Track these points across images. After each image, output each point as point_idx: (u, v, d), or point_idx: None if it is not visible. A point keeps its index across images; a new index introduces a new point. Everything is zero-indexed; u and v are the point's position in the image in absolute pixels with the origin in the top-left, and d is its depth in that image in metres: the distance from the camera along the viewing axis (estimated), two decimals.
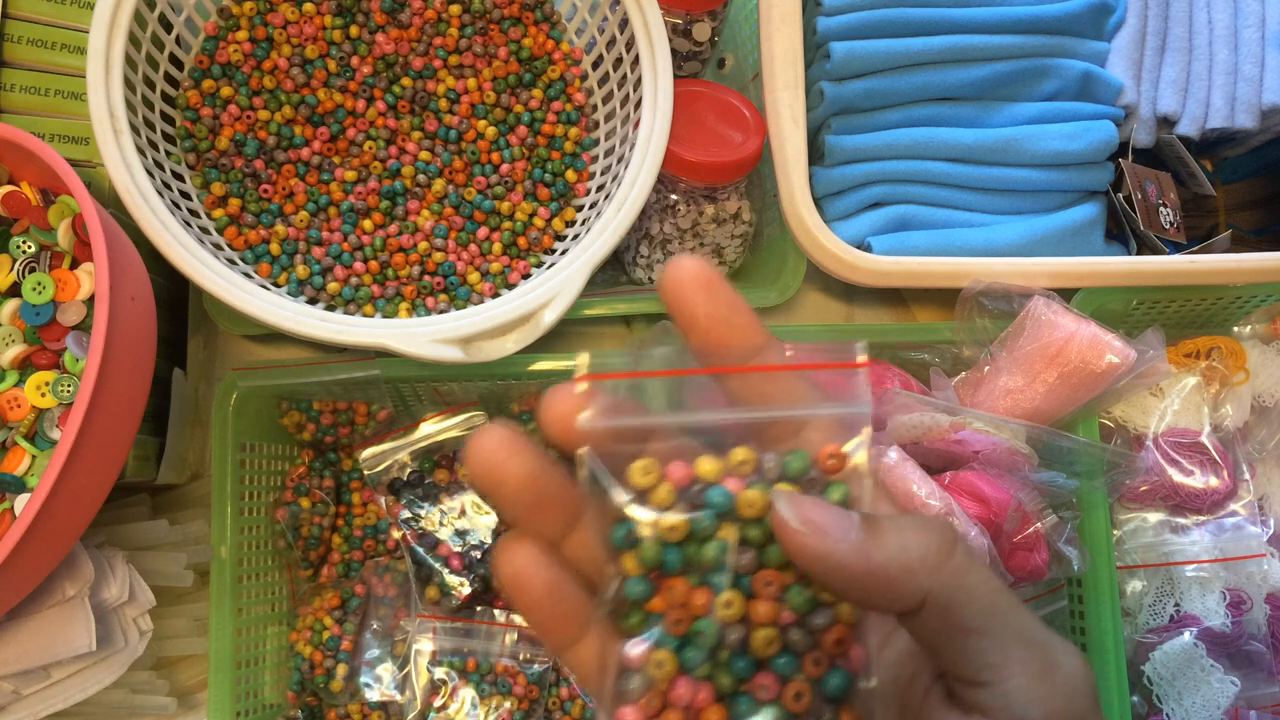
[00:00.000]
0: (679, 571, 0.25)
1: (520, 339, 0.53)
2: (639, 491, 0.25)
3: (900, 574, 0.23)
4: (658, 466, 0.25)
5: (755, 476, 0.26)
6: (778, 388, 0.26)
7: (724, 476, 0.25)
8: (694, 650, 0.25)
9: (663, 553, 0.25)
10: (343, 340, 0.51)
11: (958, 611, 0.24)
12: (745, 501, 0.25)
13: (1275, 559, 0.63)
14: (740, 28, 0.71)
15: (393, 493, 0.60)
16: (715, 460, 0.25)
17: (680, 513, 0.25)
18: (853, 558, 0.23)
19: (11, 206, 0.51)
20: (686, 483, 0.25)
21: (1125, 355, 0.58)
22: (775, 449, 0.26)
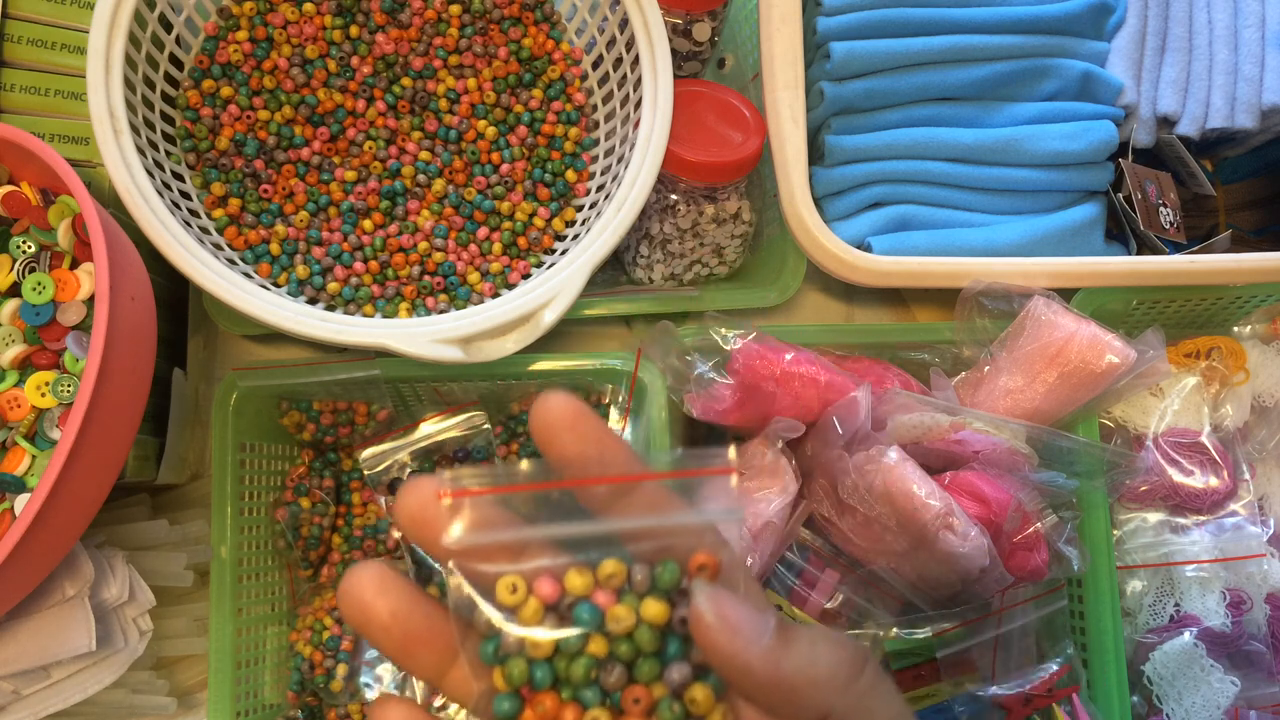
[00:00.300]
0: (548, 687, 0.25)
1: (520, 339, 0.53)
2: (506, 608, 0.25)
3: (806, 687, 0.24)
4: (524, 583, 0.25)
5: (625, 589, 0.25)
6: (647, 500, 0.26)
7: (594, 590, 0.25)
8: None
9: (530, 669, 0.25)
10: (343, 340, 0.51)
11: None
12: (614, 617, 0.25)
13: (1275, 559, 0.63)
14: (740, 28, 0.71)
15: (393, 493, 0.60)
16: (585, 573, 0.25)
17: (549, 628, 0.25)
18: (762, 663, 0.23)
19: (11, 206, 0.51)
20: (555, 599, 0.25)
21: (1125, 355, 0.58)
22: (646, 560, 0.26)
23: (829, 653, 0.24)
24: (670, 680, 0.25)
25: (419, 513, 0.25)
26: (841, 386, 0.57)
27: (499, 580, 0.25)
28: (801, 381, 0.56)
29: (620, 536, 0.26)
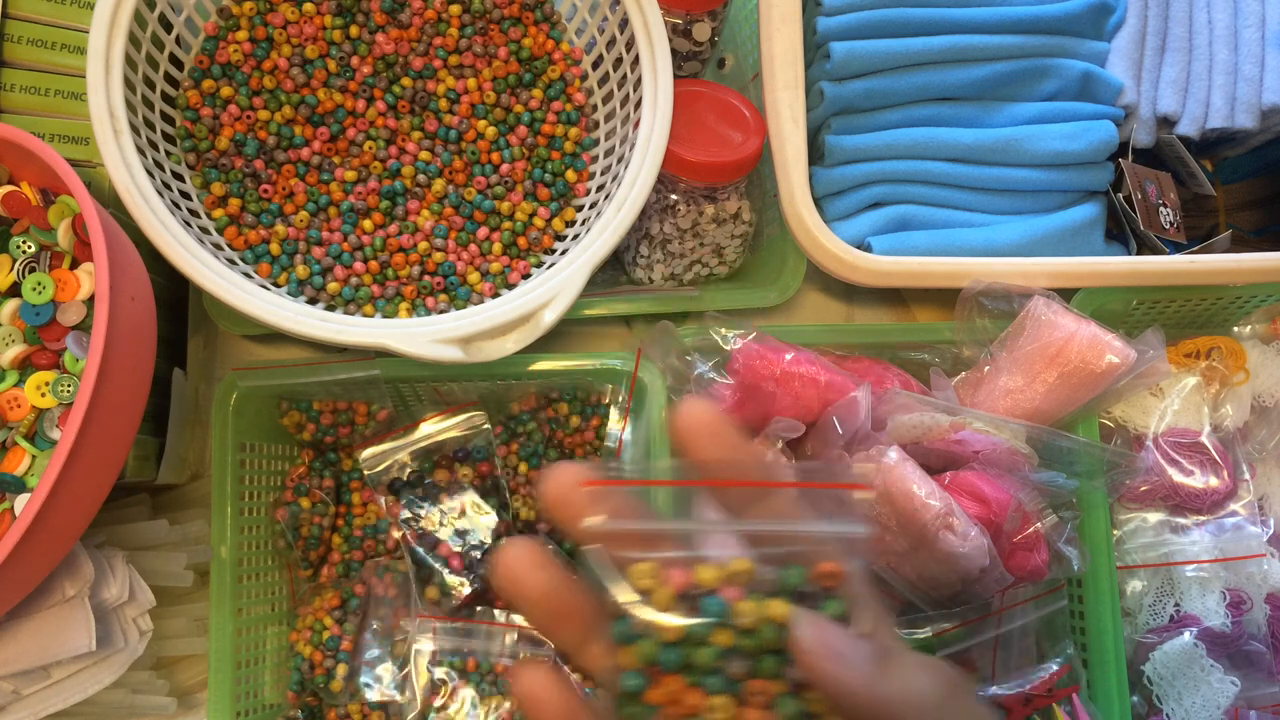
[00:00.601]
0: (675, 669, 0.26)
1: (520, 339, 0.53)
2: (640, 592, 0.27)
3: (904, 709, 0.25)
4: (659, 571, 0.27)
5: (752, 587, 0.27)
6: (779, 507, 0.28)
7: (722, 585, 0.26)
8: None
9: (659, 651, 0.26)
10: (343, 340, 0.51)
11: None
12: (739, 611, 0.26)
13: (1275, 559, 0.63)
14: (740, 28, 0.71)
15: (393, 493, 0.60)
16: (715, 568, 0.27)
17: (678, 615, 0.26)
18: (862, 687, 0.24)
19: (11, 206, 0.51)
20: (685, 587, 0.27)
21: (1125, 355, 0.58)
22: (773, 562, 0.27)
23: (926, 677, 0.25)
24: (792, 677, 0.26)
25: (561, 496, 0.27)
26: (841, 386, 0.57)
27: (634, 566, 0.27)
28: (801, 381, 0.56)
29: (751, 538, 0.27)
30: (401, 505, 0.59)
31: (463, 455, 0.61)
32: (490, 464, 0.61)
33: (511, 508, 0.61)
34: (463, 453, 0.61)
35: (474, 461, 0.61)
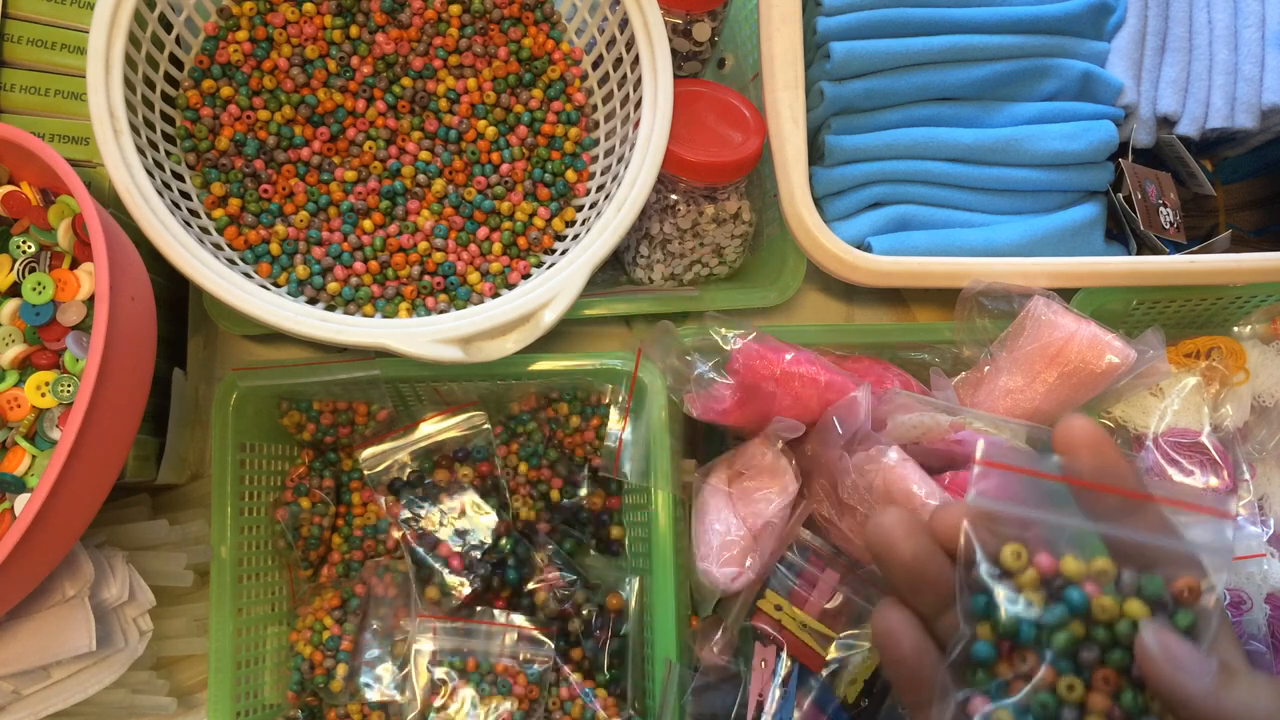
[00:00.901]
0: (1028, 646, 0.29)
1: (520, 339, 0.53)
2: (1005, 571, 0.29)
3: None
4: (1026, 554, 0.29)
5: (1111, 586, 0.29)
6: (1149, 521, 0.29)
7: (1084, 579, 0.29)
8: (1025, 714, 0.28)
9: (1018, 627, 0.29)
10: (343, 340, 0.51)
11: None
12: (1100, 606, 0.28)
13: (1275, 559, 0.63)
14: (740, 28, 0.71)
15: (393, 493, 0.60)
16: (1079, 562, 0.29)
17: (1039, 598, 0.29)
18: (1203, 698, 0.26)
19: (11, 206, 0.51)
20: (1052, 573, 0.29)
21: (1125, 355, 0.58)
22: (1131, 567, 0.29)
23: (1268, 696, 0.26)
24: (1136, 674, 0.28)
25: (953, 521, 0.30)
26: (841, 386, 0.57)
27: (1005, 546, 0.29)
28: (801, 381, 0.56)
29: (1115, 543, 0.29)
30: (401, 505, 0.59)
31: (463, 455, 0.61)
32: (490, 464, 0.61)
33: (511, 508, 0.61)
34: (463, 453, 0.61)
35: (474, 461, 0.61)
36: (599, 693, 0.58)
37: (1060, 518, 0.30)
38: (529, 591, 0.59)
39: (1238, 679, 0.27)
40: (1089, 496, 0.29)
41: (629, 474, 0.59)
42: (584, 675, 0.59)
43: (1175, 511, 0.29)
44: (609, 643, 0.59)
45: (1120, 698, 0.28)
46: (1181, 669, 0.26)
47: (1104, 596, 0.28)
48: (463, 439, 0.61)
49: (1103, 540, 0.29)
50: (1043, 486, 0.29)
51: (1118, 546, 0.29)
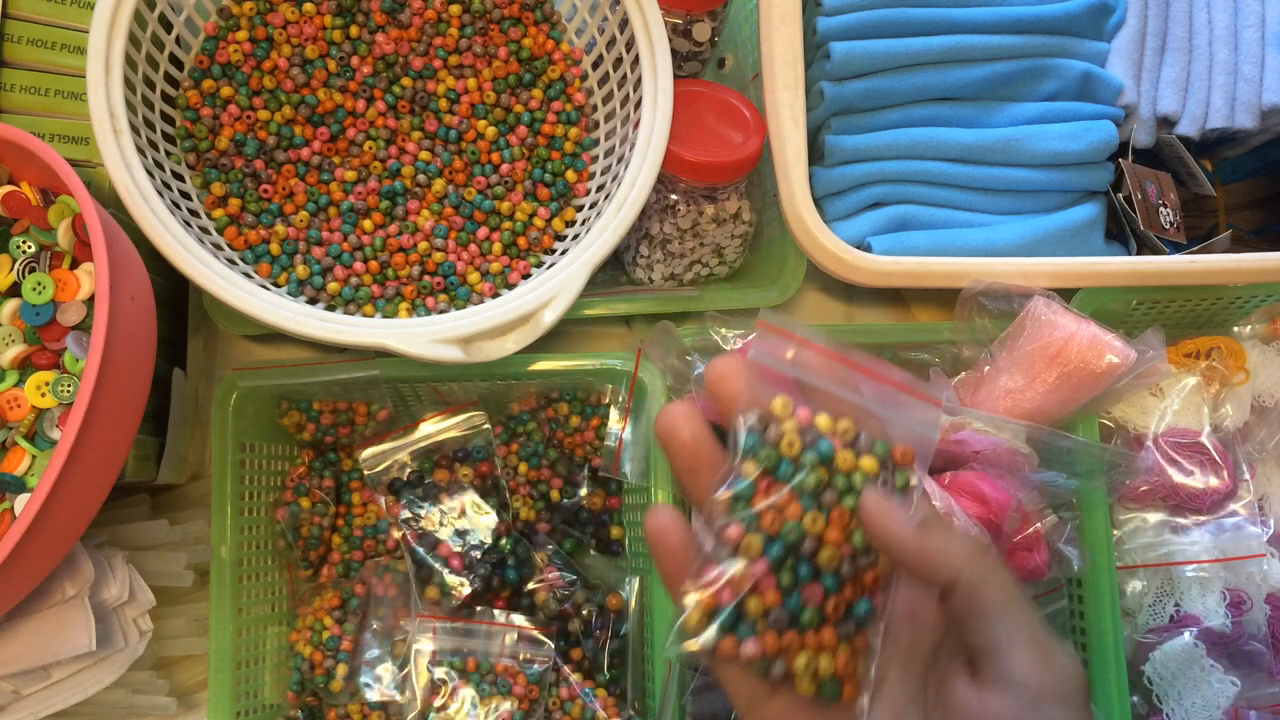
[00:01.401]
0: (783, 482, 0.33)
1: (520, 339, 0.53)
2: (773, 417, 0.34)
3: (940, 558, 0.31)
4: (792, 405, 0.34)
5: (851, 444, 0.34)
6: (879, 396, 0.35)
7: (831, 434, 0.34)
8: (776, 544, 0.33)
9: (778, 464, 0.33)
10: (343, 340, 0.51)
11: (980, 597, 0.31)
12: (842, 458, 0.33)
13: (1275, 559, 0.63)
14: (740, 28, 0.71)
15: (393, 493, 0.60)
16: (830, 420, 0.34)
17: (797, 444, 0.33)
18: (908, 538, 0.32)
19: (11, 206, 0.51)
20: (808, 423, 0.34)
21: (1125, 355, 0.58)
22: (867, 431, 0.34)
23: (958, 538, 0.32)
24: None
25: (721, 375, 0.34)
26: None
27: (776, 396, 0.34)
28: None
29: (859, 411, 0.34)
30: (401, 505, 0.59)
31: (463, 455, 0.61)
32: (490, 464, 0.61)
33: (511, 508, 0.61)
34: (463, 453, 0.61)
35: (474, 461, 0.61)
36: (599, 693, 0.58)
37: (820, 382, 0.35)
38: (529, 591, 0.59)
39: (935, 526, 0.32)
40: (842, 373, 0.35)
41: (629, 474, 0.59)
42: (584, 675, 0.59)
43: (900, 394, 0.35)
44: (609, 643, 0.59)
45: (851, 535, 0.33)
46: (890, 515, 0.32)
47: (846, 450, 0.33)
48: (463, 439, 0.61)
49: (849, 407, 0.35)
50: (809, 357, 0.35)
51: (858, 414, 0.34)
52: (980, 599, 0.31)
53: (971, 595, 0.31)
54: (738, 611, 0.33)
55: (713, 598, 0.33)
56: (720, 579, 0.33)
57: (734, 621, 0.33)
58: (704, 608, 0.33)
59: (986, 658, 0.31)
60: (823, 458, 0.33)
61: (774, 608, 0.33)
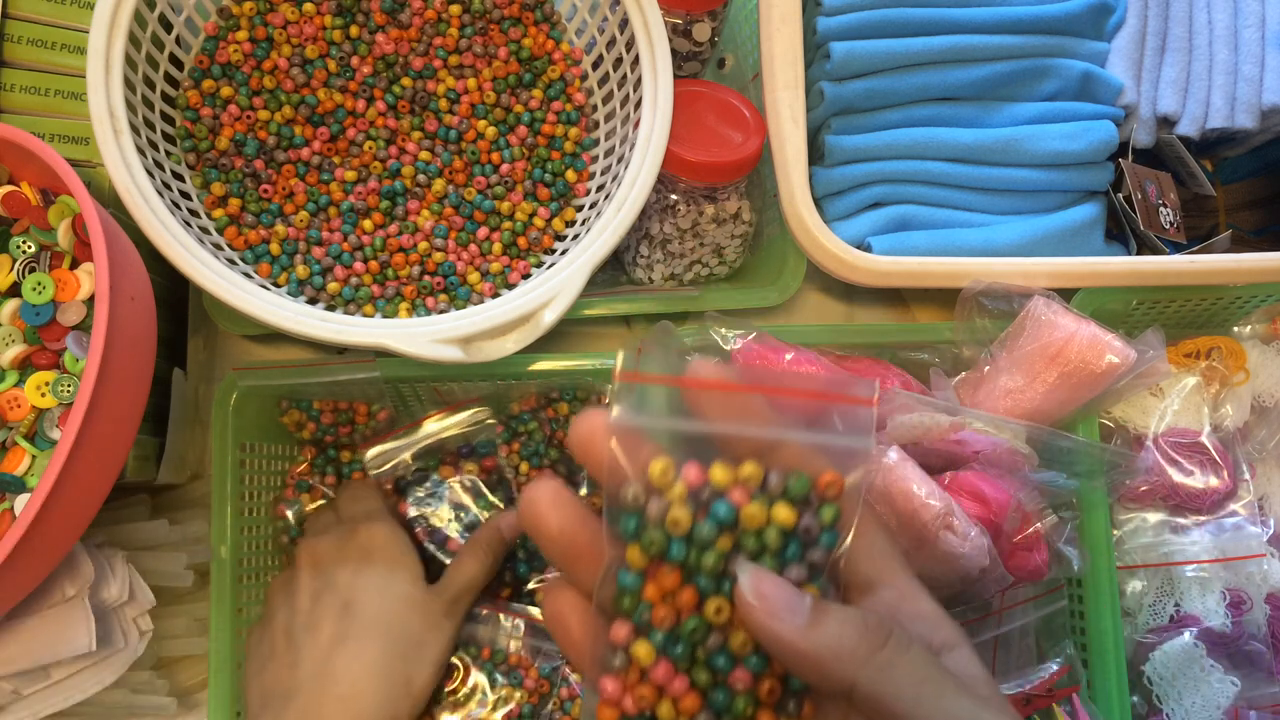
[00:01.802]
0: (678, 564, 0.28)
1: (520, 339, 0.53)
2: (653, 489, 0.28)
3: (830, 661, 0.27)
4: (674, 468, 0.28)
5: (759, 491, 0.28)
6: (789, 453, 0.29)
7: (732, 486, 0.28)
8: (674, 644, 0.28)
9: (667, 546, 0.28)
10: (343, 340, 0.51)
11: (884, 701, 0.27)
12: (748, 515, 0.28)
13: (1275, 559, 0.63)
14: (740, 28, 0.71)
15: (399, 492, 0.60)
16: (727, 469, 0.28)
17: (687, 514, 0.28)
18: (792, 638, 0.27)
19: (11, 206, 0.51)
20: (699, 484, 0.28)
21: (1125, 355, 0.58)
22: (778, 469, 0.29)
23: (852, 630, 0.27)
24: (788, 578, 0.28)
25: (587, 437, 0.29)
26: None
27: (653, 461, 0.28)
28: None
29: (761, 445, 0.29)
30: (408, 504, 0.59)
31: (467, 451, 0.61)
32: (494, 458, 0.61)
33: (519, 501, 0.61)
34: (467, 449, 0.61)
35: (479, 457, 0.61)
36: None
37: (709, 426, 0.29)
38: (534, 589, 0.59)
39: (827, 617, 0.27)
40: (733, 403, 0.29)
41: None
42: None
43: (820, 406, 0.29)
44: None
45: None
46: (772, 613, 0.27)
47: (751, 504, 0.28)
48: (466, 435, 0.61)
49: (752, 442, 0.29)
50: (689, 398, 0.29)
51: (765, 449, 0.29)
52: (884, 704, 0.27)
53: (874, 701, 0.27)
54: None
55: (614, 712, 0.28)
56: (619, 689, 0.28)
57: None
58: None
59: None
60: (722, 524, 0.28)
61: (695, 713, 0.28)
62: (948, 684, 0.27)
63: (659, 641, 0.28)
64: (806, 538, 0.29)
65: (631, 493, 0.28)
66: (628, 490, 0.28)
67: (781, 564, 0.28)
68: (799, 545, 0.28)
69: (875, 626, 0.28)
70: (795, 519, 0.28)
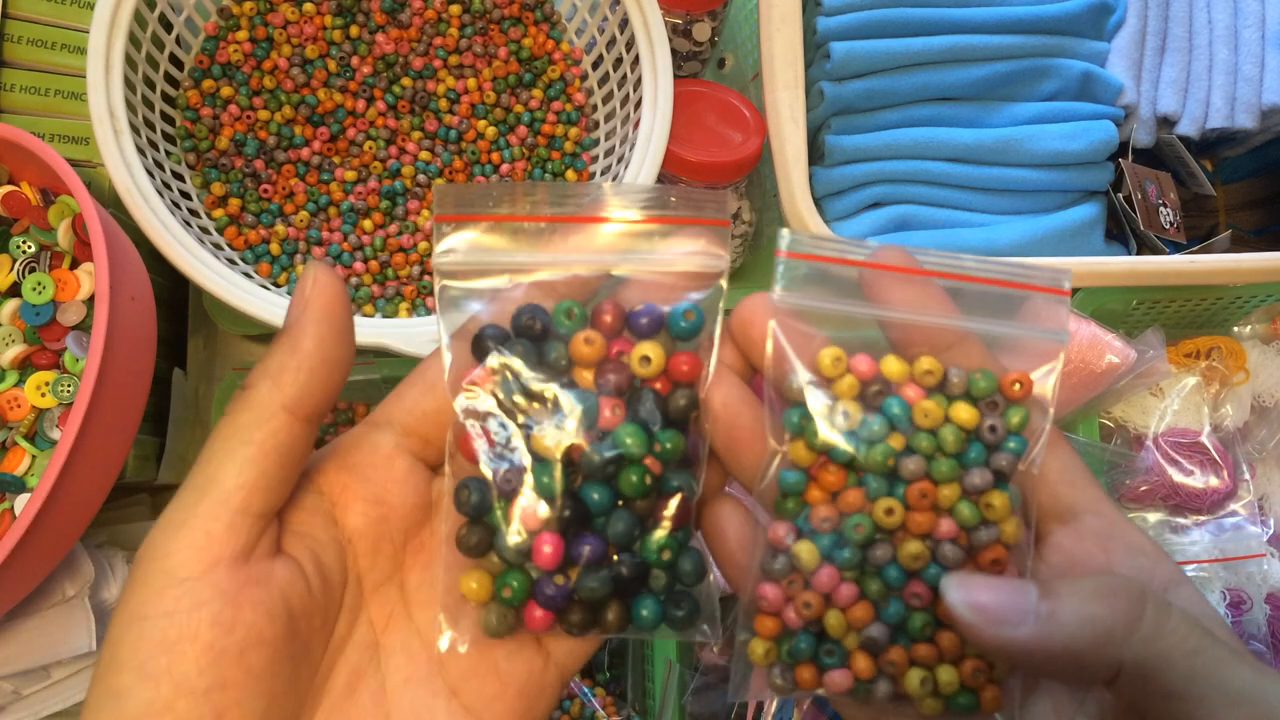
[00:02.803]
0: (845, 462, 0.25)
1: None
2: (822, 378, 0.26)
3: (1087, 651, 0.23)
4: (845, 358, 0.26)
5: (936, 390, 0.26)
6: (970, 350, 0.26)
7: (907, 382, 0.26)
8: (841, 547, 0.25)
9: (833, 443, 0.25)
10: None
11: (1155, 679, 0.22)
12: (922, 410, 0.25)
13: (1275, 559, 0.63)
14: (740, 28, 0.71)
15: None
16: (902, 363, 0.26)
17: (857, 409, 0.25)
18: (1035, 643, 0.23)
19: (11, 206, 0.51)
20: (870, 377, 0.26)
21: (1125, 355, 0.58)
22: (963, 361, 0.26)
23: (1102, 608, 0.23)
24: (970, 484, 0.25)
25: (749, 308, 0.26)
26: None
27: (821, 350, 0.26)
28: None
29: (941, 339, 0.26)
30: None
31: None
32: None
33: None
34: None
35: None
36: (598, 692, 0.58)
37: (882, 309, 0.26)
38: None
39: (1063, 601, 0.23)
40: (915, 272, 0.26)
41: None
42: (583, 675, 0.59)
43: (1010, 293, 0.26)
44: (609, 642, 0.59)
45: (955, 510, 0.25)
46: (999, 623, 0.23)
47: (927, 401, 0.25)
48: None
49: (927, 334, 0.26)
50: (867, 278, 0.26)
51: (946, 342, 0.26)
52: (1155, 682, 0.22)
53: (1144, 681, 0.23)
54: (817, 634, 0.26)
55: (775, 622, 0.26)
56: (781, 597, 0.26)
57: (814, 647, 0.26)
58: (767, 635, 0.26)
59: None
60: (894, 423, 0.26)
61: (866, 623, 0.25)
62: (1220, 651, 0.23)
63: (824, 545, 0.25)
64: (991, 439, 0.26)
65: (797, 383, 0.26)
66: (793, 381, 0.26)
67: (962, 470, 0.26)
68: (982, 448, 0.26)
69: (1123, 593, 0.23)
70: (977, 420, 0.25)
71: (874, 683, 0.26)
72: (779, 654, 0.26)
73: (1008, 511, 0.26)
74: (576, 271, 0.26)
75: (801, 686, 0.26)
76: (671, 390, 0.26)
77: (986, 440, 0.26)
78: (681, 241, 0.26)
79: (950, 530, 0.25)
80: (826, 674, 0.26)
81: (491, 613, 0.25)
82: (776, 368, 0.26)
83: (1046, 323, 0.26)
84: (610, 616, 0.25)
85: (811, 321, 0.26)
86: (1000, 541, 0.26)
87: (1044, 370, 0.26)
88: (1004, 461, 0.26)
